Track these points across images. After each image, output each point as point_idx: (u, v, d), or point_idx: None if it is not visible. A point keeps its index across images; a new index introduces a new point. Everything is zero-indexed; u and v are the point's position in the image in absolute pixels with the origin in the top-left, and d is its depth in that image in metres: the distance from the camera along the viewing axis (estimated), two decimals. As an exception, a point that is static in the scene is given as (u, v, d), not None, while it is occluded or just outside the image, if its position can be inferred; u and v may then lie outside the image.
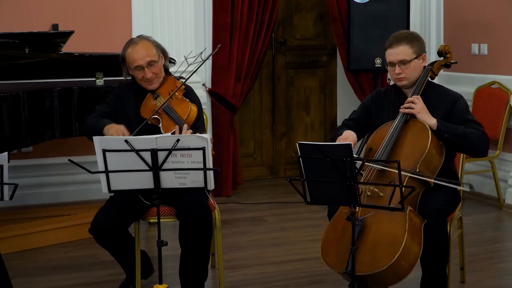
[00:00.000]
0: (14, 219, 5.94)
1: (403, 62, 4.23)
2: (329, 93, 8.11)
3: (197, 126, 4.48)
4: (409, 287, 4.38)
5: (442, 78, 6.96)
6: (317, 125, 8.09)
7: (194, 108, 4.51)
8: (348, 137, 4.21)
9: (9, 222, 5.81)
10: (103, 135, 4.32)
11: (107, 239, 4.37)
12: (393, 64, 4.25)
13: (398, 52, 4.24)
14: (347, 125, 4.43)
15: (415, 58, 4.24)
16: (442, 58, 4.52)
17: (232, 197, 7.09)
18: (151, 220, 4.50)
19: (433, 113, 4.17)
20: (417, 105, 4.16)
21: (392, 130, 4.15)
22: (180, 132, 4.29)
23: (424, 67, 4.33)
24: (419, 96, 4.20)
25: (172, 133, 4.27)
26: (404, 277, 3.87)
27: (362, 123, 4.43)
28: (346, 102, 7.89)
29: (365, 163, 4.04)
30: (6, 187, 3.73)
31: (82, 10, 6.68)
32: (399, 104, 4.25)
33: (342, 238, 3.94)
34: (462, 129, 4.11)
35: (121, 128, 4.38)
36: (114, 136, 4.27)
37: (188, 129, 4.32)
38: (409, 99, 4.20)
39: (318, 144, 3.70)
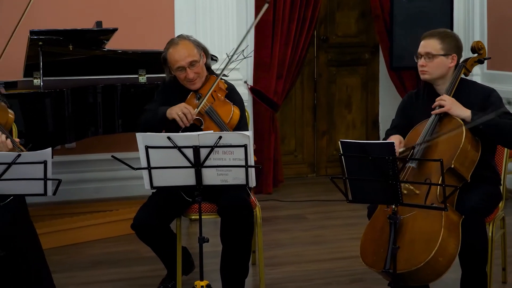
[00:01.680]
0: (56, 214, 6.00)
1: (428, 56, 4.23)
2: (371, 91, 8.07)
3: (240, 127, 4.49)
4: (450, 287, 4.35)
5: (486, 77, 6.91)
6: (358, 123, 8.06)
7: (236, 111, 4.51)
8: (391, 138, 4.19)
9: (52, 217, 5.87)
10: (166, 121, 4.37)
11: (149, 235, 4.39)
12: (420, 56, 4.25)
13: (426, 44, 4.27)
14: (390, 135, 4.41)
15: (443, 55, 4.22)
16: (475, 54, 4.47)
17: (272, 195, 7.09)
18: (193, 217, 4.53)
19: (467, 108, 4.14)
20: (446, 102, 4.12)
21: (426, 128, 4.12)
22: None
23: (455, 67, 4.28)
24: (445, 94, 4.18)
25: None
26: (442, 273, 3.84)
27: (405, 128, 4.36)
28: (388, 100, 7.84)
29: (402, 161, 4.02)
30: (49, 183, 3.77)
31: (125, 8, 6.72)
32: (432, 102, 4.21)
33: (380, 237, 3.92)
34: (496, 120, 4.06)
35: (182, 104, 4.42)
36: (180, 114, 4.32)
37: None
38: (437, 99, 4.18)
39: (361, 142, 3.69)
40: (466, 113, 4.10)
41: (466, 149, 4.03)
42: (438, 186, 3.83)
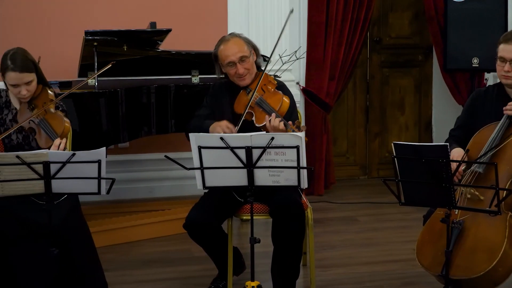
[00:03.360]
0: (109, 213, 6.05)
1: None
2: (424, 93, 8.00)
3: (291, 119, 4.45)
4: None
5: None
6: (411, 125, 7.99)
7: (286, 100, 4.51)
8: (453, 156, 4.10)
9: (105, 216, 5.92)
10: None
11: (201, 235, 4.41)
12: (504, 60, 4.12)
13: None
14: (454, 135, 4.35)
15: None
16: None
17: (324, 196, 7.07)
18: (244, 217, 4.54)
19: None
20: None
21: (495, 132, 4.05)
22: (270, 121, 4.30)
23: None
24: None
25: (263, 126, 4.30)
26: (500, 283, 3.81)
27: (469, 128, 4.31)
28: (442, 102, 7.77)
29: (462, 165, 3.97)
30: (103, 182, 3.81)
31: (179, 9, 6.76)
32: (502, 104, 4.14)
33: (439, 240, 3.88)
34: None
35: (224, 122, 4.44)
36: (219, 131, 4.33)
37: (277, 117, 4.32)
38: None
39: (414, 144, 3.67)
40: None
41: None
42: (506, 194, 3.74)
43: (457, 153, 4.12)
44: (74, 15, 6.57)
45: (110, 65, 4.36)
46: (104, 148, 3.76)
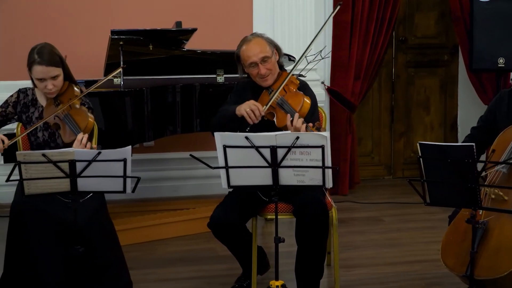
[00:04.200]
0: (134, 212, 6.09)
1: None
2: (450, 93, 7.96)
3: (312, 120, 4.46)
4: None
5: None
6: (436, 125, 7.96)
7: (307, 100, 4.49)
8: None
9: (130, 214, 5.95)
10: (236, 119, 4.40)
11: (225, 234, 4.42)
12: None
13: None
14: (471, 134, 4.34)
15: None
16: None
17: (348, 196, 7.06)
18: (268, 216, 4.54)
19: None
20: None
21: None
22: (292, 122, 4.29)
23: None
24: None
25: (284, 127, 4.30)
26: (524, 283, 3.78)
27: (489, 129, 4.29)
28: (468, 103, 7.73)
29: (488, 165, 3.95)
30: (128, 180, 3.83)
31: (204, 8, 6.78)
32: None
33: (464, 240, 3.87)
34: None
35: (251, 100, 4.44)
36: (248, 110, 4.34)
37: (299, 118, 4.31)
38: None
39: (440, 144, 3.65)
40: None
41: None
42: None
43: None
44: (100, 14, 6.61)
45: (120, 69, 4.38)
46: (130, 146, 3.78)
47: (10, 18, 6.51)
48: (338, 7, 4.95)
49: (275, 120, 4.46)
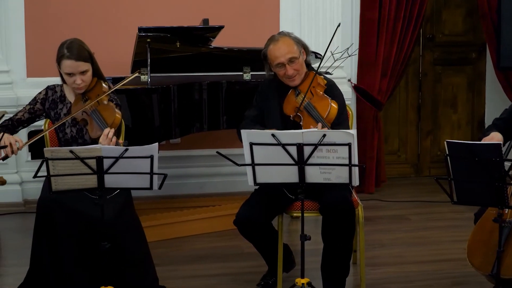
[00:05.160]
0: (160, 208, 6.10)
1: None
2: (477, 91, 7.92)
3: (339, 122, 4.44)
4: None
5: None
6: (464, 123, 7.92)
7: (334, 105, 4.46)
8: (493, 137, 4.08)
9: (156, 211, 5.97)
10: None
11: (251, 232, 4.42)
12: None
13: None
14: (496, 124, 4.31)
15: None
16: None
17: (375, 194, 7.04)
18: (294, 214, 4.54)
19: None
20: None
21: None
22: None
23: None
24: None
25: None
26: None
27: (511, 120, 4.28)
28: (495, 100, 7.68)
29: None
30: (155, 177, 3.84)
31: (231, 5, 6.79)
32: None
33: (490, 239, 3.85)
34: None
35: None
36: None
37: (323, 127, 4.30)
38: None
39: (467, 143, 3.64)
40: None
41: None
42: None
43: (496, 136, 4.07)
44: (128, 11, 6.64)
45: (136, 75, 4.39)
46: (157, 143, 3.79)
47: (38, 16, 6.56)
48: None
49: (302, 124, 4.44)
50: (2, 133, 4.26)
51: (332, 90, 4.56)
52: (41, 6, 6.56)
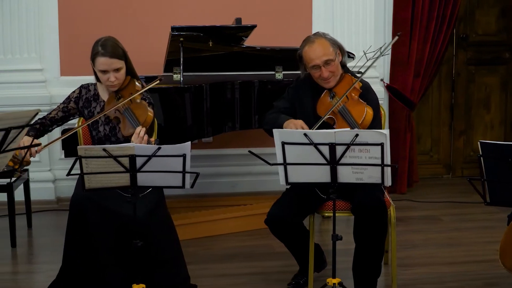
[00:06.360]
0: (192, 207, 6.13)
1: None
2: (511, 91, 7.86)
3: (373, 126, 4.42)
4: None
5: None
6: (497, 124, 7.87)
7: (369, 111, 4.43)
8: None
9: (188, 209, 5.99)
10: None
11: (282, 231, 4.42)
12: None
13: None
14: None
15: None
16: None
17: (407, 195, 7.01)
18: (326, 214, 4.53)
19: None
20: None
21: None
22: None
23: None
24: None
25: None
26: None
27: None
28: (529, 101, 7.64)
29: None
30: (187, 176, 3.86)
31: (264, 4, 6.79)
32: None
33: (523, 241, 3.83)
34: None
35: (300, 122, 4.40)
36: (293, 129, 4.30)
37: None
38: None
39: (501, 143, 3.61)
40: None
41: None
42: None
43: None
44: (161, 11, 6.67)
45: (158, 81, 4.41)
46: (189, 142, 3.80)
47: (72, 14, 6.61)
48: (397, 38, 4.88)
49: (334, 127, 4.41)
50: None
51: (367, 94, 4.53)
52: (74, 5, 6.61)
